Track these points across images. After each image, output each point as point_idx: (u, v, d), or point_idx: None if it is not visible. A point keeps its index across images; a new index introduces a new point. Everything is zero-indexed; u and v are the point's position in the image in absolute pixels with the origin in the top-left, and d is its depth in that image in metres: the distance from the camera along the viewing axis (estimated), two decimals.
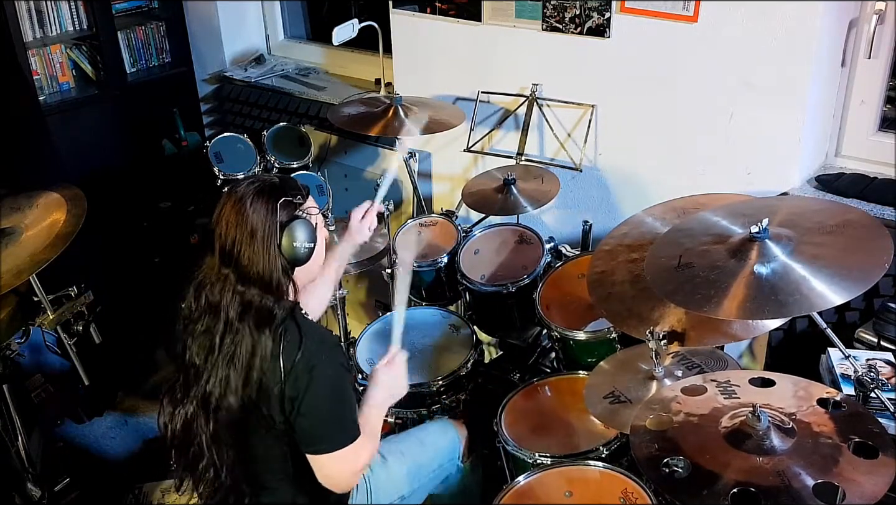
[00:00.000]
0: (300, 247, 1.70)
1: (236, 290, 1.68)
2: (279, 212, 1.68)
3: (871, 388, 1.67)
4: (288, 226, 1.69)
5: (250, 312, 1.67)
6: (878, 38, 2.28)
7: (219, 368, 1.68)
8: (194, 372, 1.72)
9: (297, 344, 1.66)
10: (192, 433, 1.74)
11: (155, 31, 4.08)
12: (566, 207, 2.92)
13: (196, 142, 3.91)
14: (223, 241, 1.69)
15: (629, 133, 2.66)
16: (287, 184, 1.75)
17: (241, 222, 1.67)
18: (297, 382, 1.66)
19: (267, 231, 1.67)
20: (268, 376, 1.66)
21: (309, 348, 1.67)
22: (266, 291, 1.68)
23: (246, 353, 1.66)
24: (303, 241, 1.70)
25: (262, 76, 3.92)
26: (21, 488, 2.55)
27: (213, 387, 1.68)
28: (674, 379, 1.90)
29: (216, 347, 1.68)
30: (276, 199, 1.69)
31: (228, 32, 4.07)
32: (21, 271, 2.15)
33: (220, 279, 1.69)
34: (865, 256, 1.58)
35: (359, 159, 3.47)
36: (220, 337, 1.68)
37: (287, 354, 1.66)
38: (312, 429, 1.70)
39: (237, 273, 1.68)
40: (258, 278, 1.67)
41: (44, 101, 3.69)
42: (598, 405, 1.91)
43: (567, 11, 2.63)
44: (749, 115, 2.38)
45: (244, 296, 1.67)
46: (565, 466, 1.90)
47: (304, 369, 1.66)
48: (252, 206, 1.67)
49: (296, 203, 1.72)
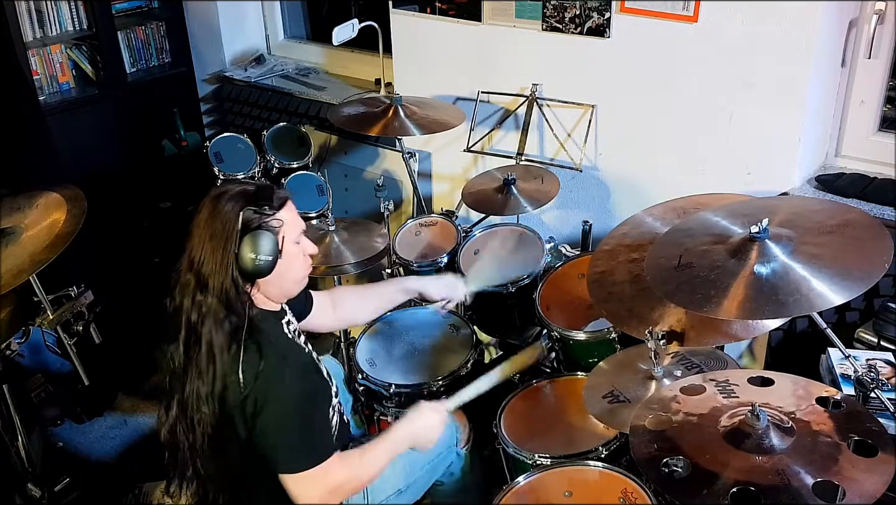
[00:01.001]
0: (257, 258, 1.64)
1: (195, 297, 1.65)
2: (240, 220, 1.64)
3: (871, 388, 1.67)
4: (246, 235, 1.64)
5: (208, 323, 1.64)
6: (878, 38, 2.28)
7: (192, 378, 1.67)
8: (177, 379, 1.71)
9: (256, 363, 1.64)
10: (177, 440, 1.74)
11: (155, 31, 4.08)
12: (566, 207, 2.92)
13: (196, 142, 3.91)
14: (190, 246, 1.67)
15: (629, 133, 2.66)
16: (261, 192, 1.69)
17: (207, 226, 1.65)
18: (257, 400, 1.63)
19: (226, 239, 1.64)
20: (229, 390, 1.65)
21: (270, 366, 1.64)
22: (222, 302, 1.65)
23: (207, 364, 1.64)
24: (261, 253, 1.64)
25: (262, 76, 3.92)
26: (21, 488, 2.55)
27: (188, 396, 1.68)
28: (673, 379, 1.89)
29: (186, 357, 1.68)
30: (241, 208, 1.65)
31: (228, 32, 4.07)
32: (21, 271, 2.14)
33: (184, 284, 1.68)
34: (865, 256, 1.58)
35: (359, 159, 3.46)
36: (184, 346, 1.67)
37: (246, 370, 1.64)
38: (273, 449, 1.68)
39: (196, 279, 1.66)
40: (214, 287, 1.64)
41: (44, 101, 3.69)
42: (597, 405, 1.91)
43: (567, 11, 2.63)
44: (749, 115, 2.38)
45: (202, 305, 1.65)
46: (565, 467, 1.90)
47: (263, 388, 1.63)
48: (219, 213, 1.65)
49: (261, 213, 1.66)
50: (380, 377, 2.33)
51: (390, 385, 2.29)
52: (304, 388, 1.70)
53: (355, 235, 2.70)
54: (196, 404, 1.67)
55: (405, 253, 2.67)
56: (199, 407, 1.66)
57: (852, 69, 2.38)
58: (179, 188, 3.91)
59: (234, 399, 1.65)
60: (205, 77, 4.17)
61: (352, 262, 2.60)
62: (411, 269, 2.62)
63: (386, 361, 2.41)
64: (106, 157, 3.84)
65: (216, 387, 1.65)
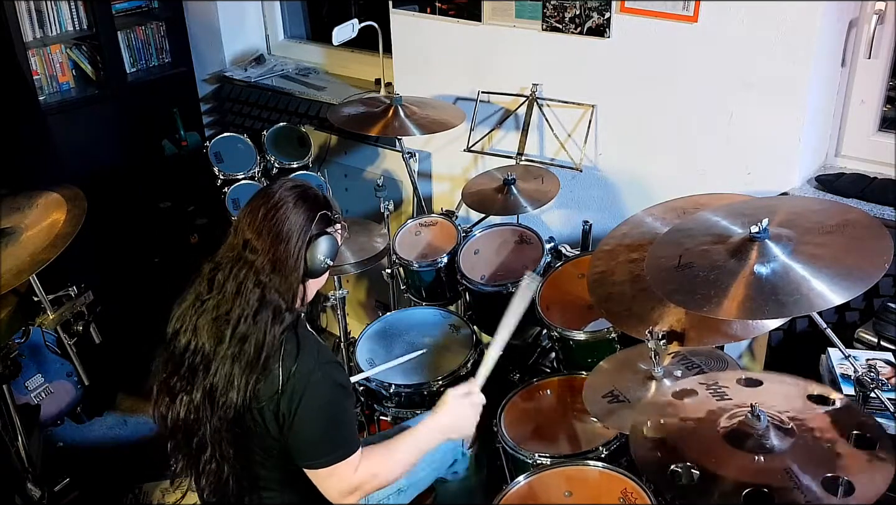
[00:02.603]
0: (322, 261, 1.72)
1: (259, 279, 1.67)
2: (315, 222, 1.71)
3: (871, 388, 1.67)
4: (318, 238, 1.71)
5: (266, 308, 1.66)
6: (878, 38, 2.27)
7: (226, 361, 1.66)
8: (202, 359, 1.70)
9: (294, 357, 1.66)
10: (197, 423, 1.71)
11: (155, 31, 4.08)
12: (566, 207, 2.92)
13: (196, 142, 3.91)
14: (252, 233, 1.68)
15: (629, 133, 2.66)
16: (327, 199, 1.79)
17: (278, 220, 1.67)
18: (292, 396, 1.65)
19: (300, 238, 1.68)
20: (265, 383, 1.65)
21: (305, 363, 1.66)
22: (284, 298, 1.68)
23: (253, 351, 1.65)
24: (325, 257, 1.72)
25: (262, 76, 3.92)
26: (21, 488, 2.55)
27: (219, 380, 1.67)
28: (673, 379, 1.89)
29: (226, 338, 1.67)
30: (317, 210, 1.72)
31: (228, 32, 4.07)
32: (21, 271, 2.14)
33: (244, 264, 1.68)
34: (865, 256, 1.58)
35: (359, 159, 3.47)
36: (232, 327, 1.67)
37: (284, 365, 1.65)
38: (303, 445, 1.70)
39: (259, 269, 1.67)
40: (282, 282, 1.68)
41: (44, 101, 3.69)
42: (597, 405, 1.91)
43: (567, 11, 2.63)
44: (749, 115, 2.38)
45: (265, 288, 1.67)
46: (565, 466, 1.90)
47: (298, 385, 1.65)
48: (294, 209, 1.69)
49: (332, 219, 1.75)
50: (380, 377, 2.33)
51: (390, 385, 2.30)
52: (335, 383, 1.73)
53: (355, 235, 2.70)
54: (226, 388, 1.66)
55: (405, 253, 2.67)
56: (228, 392, 1.65)
57: (852, 69, 2.38)
58: (179, 188, 3.91)
59: (270, 392, 1.65)
60: (205, 77, 4.17)
61: (352, 262, 2.60)
62: (411, 269, 2.63)
63: (386, 361, 2.41)
64: (106, 157, 3.84)
65: (253, 377, 1.64)
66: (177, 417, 1.74)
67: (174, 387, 1.75)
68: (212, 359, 1.69)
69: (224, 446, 1.71)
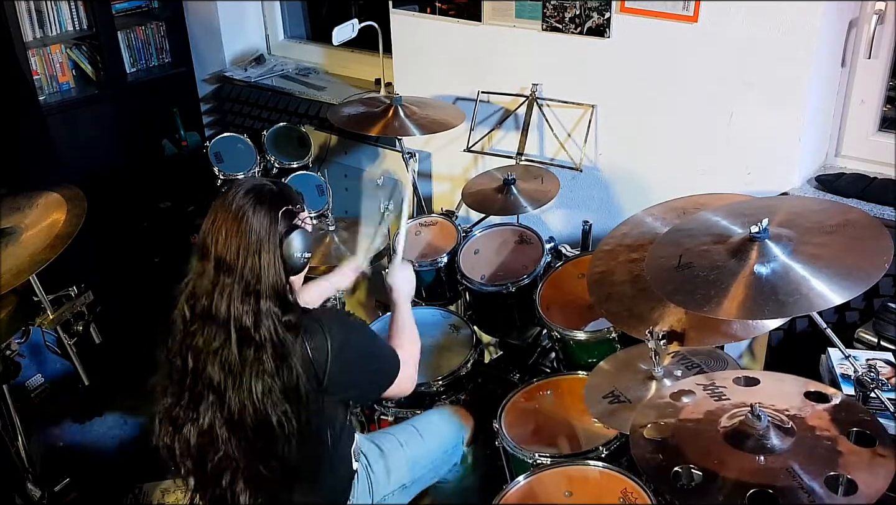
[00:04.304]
0: (300, 257, 1.70)
1: (246, 297, 1.63)
2: (280, 221, 1.66)
3: (871, 388, 1.67)
4: (289, 236, 1.68)
5: (266, 324, 1.63)
6: (878, 38, 2.27)
7: (248, 381, 1.63)
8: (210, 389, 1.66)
9: (323, 334, 1.68)
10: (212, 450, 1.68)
11: (155, 31, 4.08)
12: (566, 207, 2.92)
13: (196, 142, 3.91)
14: (221, 252, 1.63)
15: (629, 133, 2.66)
16: (285, 191, 1.73)
17: (243, 232, 1.63)
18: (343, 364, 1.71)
19: (271, 242, 1.65)
20: (305, 379, 1.64)
21: (333, 331, 1.70)
22: (279, 301, 1.66)
23: (276, 362, 1.62)
24: (302, 251, 1.70)
25: (262, 76, 3.92)
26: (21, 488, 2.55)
27: (245, 400, 1.63)
28: (673, 379, 1.90)
29: (238, 362, 1.63)
30: (278, 209, 1.67)
31: (228, 32, 4.07)
32: (21, 271, 2.14)
33: (223, 292, 1.64)
34: (865, 256, 1.58)
35: (359, 159, 3.46)
36: (238, 350, 1.63)
37: (318, 349, 1.67)
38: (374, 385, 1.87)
39: (242, 285, 1.63)
40: (267, 290, 1.64)
41: (44, 101, 3.70)
42: (597, 405, 1.91)
43: (567, 11, 2.63)
44: (749, 115, 2.38)
45: (255, 303, 1.63)
46: (565, 466, 1.90)
47: (339, 350, 1.69)
48: (255, 216, 1.64)
49: (295, 212, 1.71)
50: None
51: None
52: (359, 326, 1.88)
53: (355, 235, 2.70)
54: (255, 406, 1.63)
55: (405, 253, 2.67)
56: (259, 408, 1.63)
57: (852, 69, 2.38)
58: (179, 188, 3.91)
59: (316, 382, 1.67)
60: (205, 77, 4.17)
61: None
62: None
63: None
64: (106, 157, 3.84)
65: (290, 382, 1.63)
66: (185, 445, 1.71)
67: (177, 417, 1.72)
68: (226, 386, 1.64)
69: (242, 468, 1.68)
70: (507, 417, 2.14)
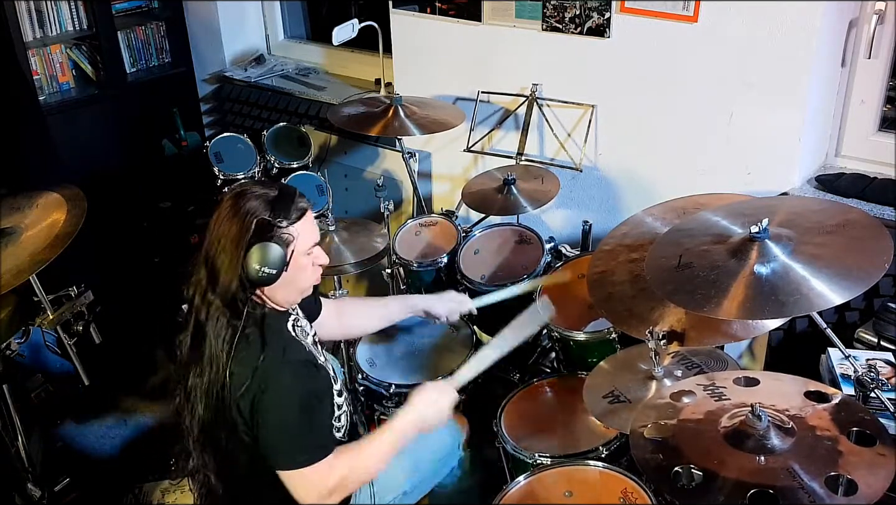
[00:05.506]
0: (261, 270, 1.65)
1: (206, 295, 1.69)
2: (253, 228, 1.64)
3: (871, 388, 1.67)
4: (256, 245, 1.64)
5: (212, 322, 1.68)
6: (878, 38, 2.28)
7: (194, 373, 1.71)
8: (182, 370, 1.75)
9: (257, 356, 1.66)
10: (182, 433, 1.77)
11: (155, 31, 4.08)
12: (566, 207, 2.92)
13: (196, 142, 3.91)
14: (208, 241, 1.70)
15: (629, 133, 2.66)
16: (281, 201, 1.69)
17: (225, 226, 1.67)
18: (255, 396, 1.65)
19: (238, 244, 1.64)
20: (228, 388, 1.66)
21: (270, 362, 1.66)
22: (226, 303, 1.67)
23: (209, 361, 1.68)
24: (266, 266, 1.64)
25: (262, 76, 3.93)
26: (21, 488, 2.55)
27: (190, 390, 1.72)
28: (673, 379, 1.90)
29: (191, 351, 1.72)
30: (254, 218, 1.65)
31: (228, 32, 4.07)
32: (21, 271, 2.14)
33: (197, 281, 1.71)
34: (865, 256, 1.58)
35: (359, 159, 3.47)
36: (192, 340, 1.71)
37: (244, 365, 1.65)
38: (271, 445, 1.68)
39: (207, 277, 1.69)
40: (222, 288, 1.67)
41: (44, 101, 3.69)
42: (597, 405, 1.91)
43: (567, 11, 2.63)
44: (749, 115, 2.38)
45: (210, 304, 1.68)
46: (565, 466, 1.90)
47: (260, 382, 1.64)
48: (237, 215, 1.65)
49: (275, 224, 1.66)
50: (380, 377, 2.33)
51: (390, 385, 2.29)
52: (302, 385, 1.70)
53: (355, 235, 2.70)
54: (195, 398, 1.71)
55: (405, 253, 2.67)
56: (197, 402, 1.71)
57: (852, 69, 2.38)
58: (179, 188, 3.91)
59: (233, 395, 1.66)
60: (205, 77, 4.17)
61: (352, 262, 2.60)
62: (411, 269, 2.62)
63: (386, 361, 2.41)
64: (106, 157, 3.84)
65: (215, 384, 1.67)
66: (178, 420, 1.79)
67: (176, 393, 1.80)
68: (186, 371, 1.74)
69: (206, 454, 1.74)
70: (507, 418, 2.14)
